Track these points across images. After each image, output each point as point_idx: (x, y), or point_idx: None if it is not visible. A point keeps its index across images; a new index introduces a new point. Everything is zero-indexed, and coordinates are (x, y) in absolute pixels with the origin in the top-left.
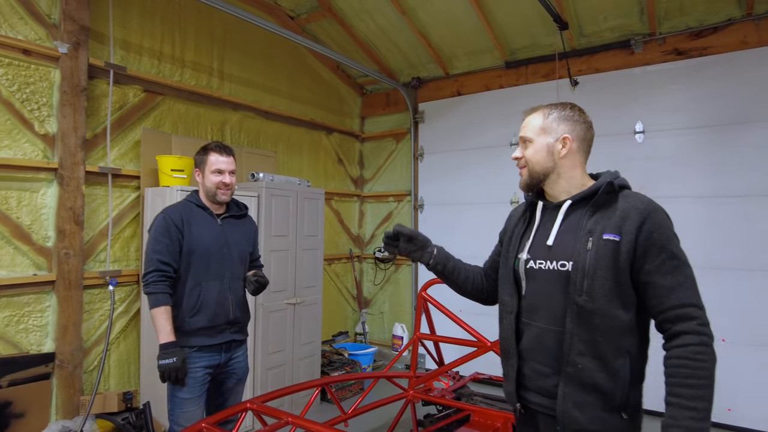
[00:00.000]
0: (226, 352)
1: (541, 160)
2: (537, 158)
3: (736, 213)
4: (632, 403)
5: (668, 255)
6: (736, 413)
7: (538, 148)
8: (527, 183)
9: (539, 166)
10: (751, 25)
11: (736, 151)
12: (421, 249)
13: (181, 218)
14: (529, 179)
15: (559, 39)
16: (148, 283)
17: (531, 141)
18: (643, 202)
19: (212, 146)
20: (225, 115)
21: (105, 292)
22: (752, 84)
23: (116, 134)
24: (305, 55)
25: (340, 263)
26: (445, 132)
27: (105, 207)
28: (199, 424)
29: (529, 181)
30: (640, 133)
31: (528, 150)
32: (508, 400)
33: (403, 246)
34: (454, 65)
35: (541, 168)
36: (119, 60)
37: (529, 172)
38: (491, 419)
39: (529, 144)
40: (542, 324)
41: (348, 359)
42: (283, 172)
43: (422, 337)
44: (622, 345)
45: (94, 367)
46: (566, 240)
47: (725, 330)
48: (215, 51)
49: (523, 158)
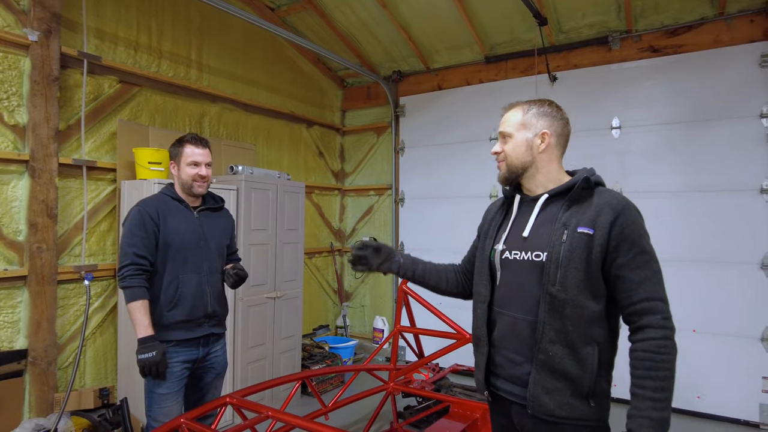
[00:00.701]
0: (204, 347)
1: (520, 154)
2: (516, 153)
3: (706, 207)
4: (599, 391)
5: (639, 250)
6: (705, 401)
7: (518, 142)
8: (506, 177)
9: (518, 161)
10: (722, 25)
11: (706, 147)
12: (388, 260)
13: (157, 211)
14: (508, 173)
15: (539, 34)
16: (123, 277)
17: (510, 136)
18: (616, 199)
19: (188, 138)
20: (203, 107)
21: (80, 287)
22: (723, 82)
23: (91, 126)
24: (285, 47)
25: (321, 257)
26: (425, 126)
27: (80, 200)
28: (177, 420)
29: (507, 174)
30: (616, 128)
31: (507, 145)
32: (477, 388)
33: (372, 259)
34: (434, 59)
35: (520, 162)
36: (93, 49)
37: (507, 166)
38: (470, 410)
39: (509, 139)
40: (515, 313)
41: (329, 352)
42: (262, 165)
43: (403, 330)
44: (591, 334)
45: (69, 363)
46: (542, 232)
47: (696, 321)
48: (193, 42)
49: (503, 152)
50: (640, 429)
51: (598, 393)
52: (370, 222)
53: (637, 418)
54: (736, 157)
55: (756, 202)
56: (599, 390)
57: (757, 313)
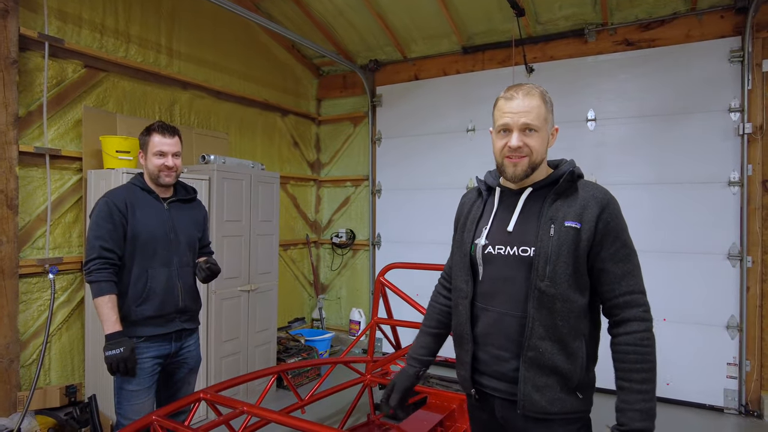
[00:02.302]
0: (176, 342)
1: (543, 151)
2: (541, 150)
3: (676, 199)
4: (586, 383)
5: (621, 243)
6: (674, 387)
7: (543, 138)
8: (525, 173)
9: (540, 158)
10: (694, 20)
11: (677, 140)
12: (411, 384)
13: (125, 202)
14: (530, 170)
15: (516, 25)
16: (90, 271)
17: (537, 130)
18: (601, 192)
19: (155, 127)
20: (174, 94)
21: (45, 281)
22: (694, 76)
23: (54, 112)
24: (259, 34)
25: (297, 249)
26: (403, 116)
27: (43, 190)
28: (149, 417)
29: (529, 172)
30: (591, 120)
31: (532, 139)
32: (461, 385)
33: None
34: (411, 49)
35: (541, 159)
36: (55, 31)
37: (530, 162)
38: (447, 401)
39: (534, 134)
40: (501, 309)
41: (304, 345)
42: (235, 154)
43: (380, 322)
44: (579, 328)
45: (33, 360)
46: (527, 226)
47: (666, 310)
48: (163, 26)
49: (526, 147)
50: (632, 422)
51: (585, 385)
52: (347, 213)
53: (627, 412)
54: (706, 150)
55: (724, 194)
56: (586, 382)
57: (722, 301)
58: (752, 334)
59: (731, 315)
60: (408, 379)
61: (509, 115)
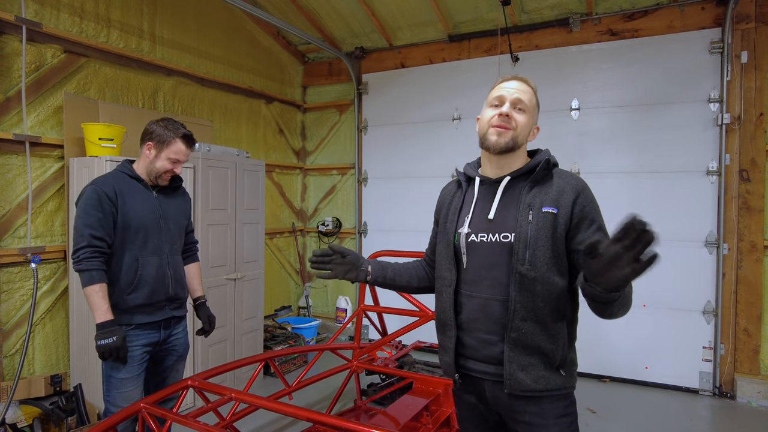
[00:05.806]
0: (165, 329)
1: (526, 134)
2: (525, 131)
3: (657, 188)
4: (568, 361)
5: (597, 227)
6: (653, 371)
7: (528, 122)
8: (507, 145)
9: (522, 139)
10: (676, 11)
11: (658, 130)
12: (354, 268)
13: (114, 190)
14: (512, 143)
15: (502, 14)
16: (80, 259)
17: (525, 111)
18: (575, 179)
19: (183, 135)
20: (157, 80)
21: (27, 270)
22: (675, 67)
23: (33, 98)
24: (243, 20)
25: (283, 237)
26: (389, 104)
27: (23, 178)
28: (137, 404)
29: (511, 144)
30: (575, 110)
31: (522, 117)
32: (444, 370)
33: (338, 268)
34: (397, 36)
35: (521, 140)
36: (33, 15)
37: (513, 137)
38: (432, 386)
39: (524, 113)
40: (486, 294)
41: (291, 333)
42: (219, 142)
43: (366, 309)
44: (559, 309)
45: (16, 350)
46: (507, 214)
47: (645, 296)
48: (145, 11)
49: (514, 121)
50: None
51: (567, 363)
52: (333, 202)
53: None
54: (686, 140)
55: (702, 183)
56: (568, 360)
57: (699, 287)
58: (727, 319)
59: (707, 300)
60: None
61: (505, 89)
